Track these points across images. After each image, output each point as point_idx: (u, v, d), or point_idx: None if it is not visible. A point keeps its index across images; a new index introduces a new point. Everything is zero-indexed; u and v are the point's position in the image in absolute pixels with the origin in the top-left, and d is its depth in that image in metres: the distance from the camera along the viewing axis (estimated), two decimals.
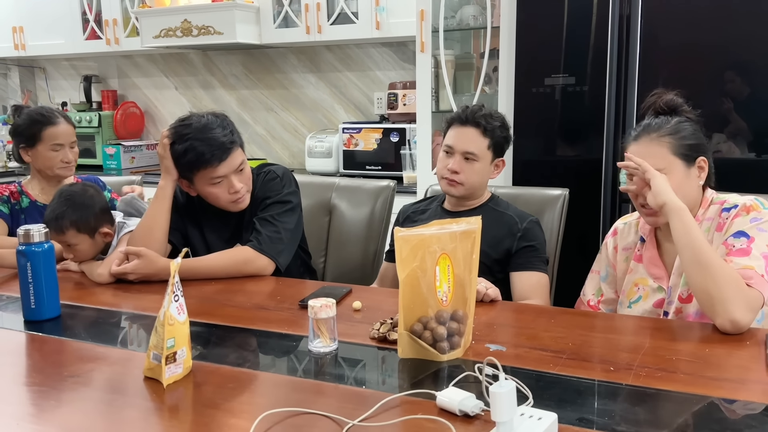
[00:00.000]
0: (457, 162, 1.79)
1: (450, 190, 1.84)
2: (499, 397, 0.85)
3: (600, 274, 1.71)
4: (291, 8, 3.62)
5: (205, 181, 1.80)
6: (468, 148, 1.79)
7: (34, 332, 1.39)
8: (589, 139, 2.52)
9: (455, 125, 1.83)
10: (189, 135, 1.77)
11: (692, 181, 1.51)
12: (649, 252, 1.59)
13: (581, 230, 2.42)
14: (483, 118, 1.79)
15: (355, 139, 3.44)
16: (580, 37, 2.49)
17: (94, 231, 1.80)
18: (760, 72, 2.26)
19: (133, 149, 4.29)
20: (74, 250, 1.80)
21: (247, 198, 1.86)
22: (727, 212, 1.48)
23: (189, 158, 1.77)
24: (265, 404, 1.02)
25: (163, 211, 1.82)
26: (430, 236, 1.18)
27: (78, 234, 1.77)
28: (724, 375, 1.11)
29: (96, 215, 1.80)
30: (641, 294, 1.59)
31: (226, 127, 1.80)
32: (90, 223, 1.79)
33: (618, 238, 1.68)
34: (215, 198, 1.83)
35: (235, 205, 1.84)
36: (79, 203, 1.79)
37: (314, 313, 1.22)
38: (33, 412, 1.04)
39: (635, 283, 1.60)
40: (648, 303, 1.56)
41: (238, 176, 1.81)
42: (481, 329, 1.34)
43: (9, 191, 2.19)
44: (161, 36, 3.76)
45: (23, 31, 4.40)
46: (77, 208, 1.77)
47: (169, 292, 1.11)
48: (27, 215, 2.17)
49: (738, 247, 1.40)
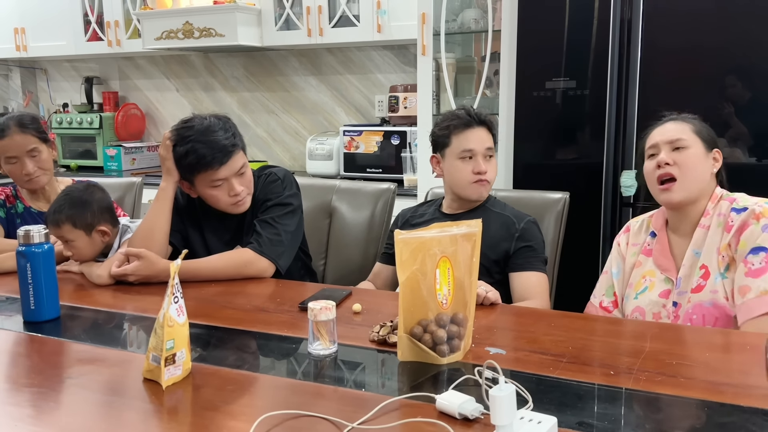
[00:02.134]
0: (483, 162, 1.83)
1: (482, 192, 1.86)
2: (498, 401, 0.85)
3: (612, 271, 1.72)
4: (292, 11, 3.62)
5: (206, 184, 1.80)
6: (487, 145, 1.85)
7: (33, 333, 1.39)
8: (590, 143, 2.52)
9: (461, 130, 1.83)
10: (191, 137, 1.77)
11: (708, 165, 1.59)
12: (659, 244, 1.64)
13: (581, 234, 2.41)
14: (485, 116, 1.85)
15: (356, 142, 3.44)
16: (581, 40, 2.49)
17: (90, 228, 1.80)
18: (761, 76, 2.26)
19: (133, 151, 4.29)
20: (71, 247, 1.80)
21: (248, 201, 1.86)
22: (736, 213, 1.52)
23: (190, 160, 1.77)
24: (265, 406, 1.02)
25: (164, 212, 1.82)
26: (431, 239, 1.18)
27: (74, 230, 1.78)
28: (724, 380, 1.11)
29: (93, 212, 1.81)
30: (647, 284, 1.62)
31: (228, 129, 1.80)
32: (86, 219, 1.79)
33: (630, 234, 1.73)
34: (215, 200, 1.82)
35: (235, 208, 1.84)
36: (77, 199, 1.80)
37: (314, 316, 1.22)
38: (32, 413, 1.04)
39: (643, 275, 1.64)
40: (654, 293, 1.59)
41: (238, 179, 1.81)
42: (481, 332, 1.33)
43: (5, 195, 2.17)
44: (163, 38, 3.76)
45: (25, 32, 4.41)
46: (75, 204, 1.79)
47: (168, 294, 1.11)
48: (22, 220, 2.15)
49: (757, 266, 1.44)
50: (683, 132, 1.59)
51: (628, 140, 2.44)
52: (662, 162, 1.57)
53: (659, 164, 1.58)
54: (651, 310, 1.59)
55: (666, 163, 1.57)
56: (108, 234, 1.85)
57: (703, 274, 1.54)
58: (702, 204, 1.58)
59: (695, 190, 1.57)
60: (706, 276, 1.53)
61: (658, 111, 1.68)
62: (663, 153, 1.58)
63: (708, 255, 1.55)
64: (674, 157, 1.57)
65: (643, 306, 1.61)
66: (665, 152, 1.58)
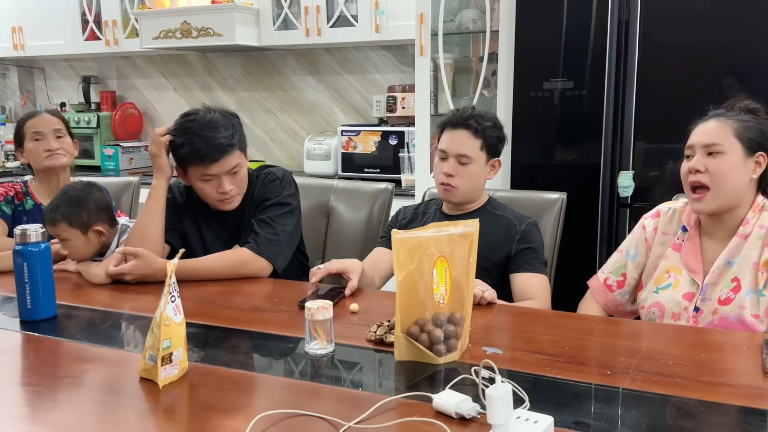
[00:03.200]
0: (452, 165, 1.78)
1: (447, 196, 1.82)
2: (495, 400, 0.85)
3: (630, 253, 1.67)
4: (291, 11, 3.62)
5: (197, 177, 1.81)
6: (460, 150, 1.77)
7: (30, 332, 1.38)
8: (588, 143, 2.52)
9: (447, 129, 1.82)
10: (190, 129, 1.78)
11: (746, 171, 1.50)
12: (690, 243, 1.57)
13: (579, 234, 2.42)
14: (473, 119, 1.77)
15: (354, 142, 3.44)
16: (578, 41, 2.49)
17: (86, 227, 1.80)
18: (760, 76, 2.26)
19: (131, 150, 4.28)
20: (68, 246, 1.81)
21: (237, 200, 1.86)
22: None
23: (184, 152, 1.79)
24: (261, 406, 1.02)
25: (158, 211, 1.83)
26: (428, 238, 1.18)
27: (70, 228, 1.78)
28: (720, 380, 1.11)
29: (90, 212, 1.81)
30: (671, 281, 1.56)
31: (229, 128, 1.80)
32: (82, 218, 1.79)
33: (660, 221, 1.66)
34: (204, 193, 1.84)
35: (221, 204, 1.85)
36: (74, 198, 1.81)
37: (311, 315, 1.22)
38: (28, 412, 1.04)
39: (667, 270, 1.58)
40: (678, 292, 1.54)
41: (229, 178, 1.81)
42: (478, 332, 1.34)
43: (14, 191, 2.18)
44: (161, 37, 3.75)
45: (22, 31, 4.40)
46: (71, 203, 1.79)
47: (165, 293, 1.11)
48: (30, 217, 2.15)
49: None
50: (722, 135, 1.49)
51: (625, 141, 2.44)
52: (693, 169, 1.50)
53: (690, 170, 1.51)
54: (671, 309, 1.53)
55: (697, 170, 1.49)
56: (104, 234, 1.84)
57: (735, 287, 1.48)
58: (741, 211, 1.51)
59: (728, 199, 1.49)
60: (737, 289, 1.47)
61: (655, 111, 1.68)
62: (697, 157, 1.51)
63: (742, 267, 1.48)
64: (707, 164, 1.49)
65: (663, 303, 1.55)
66: (699, 157, 1.50)
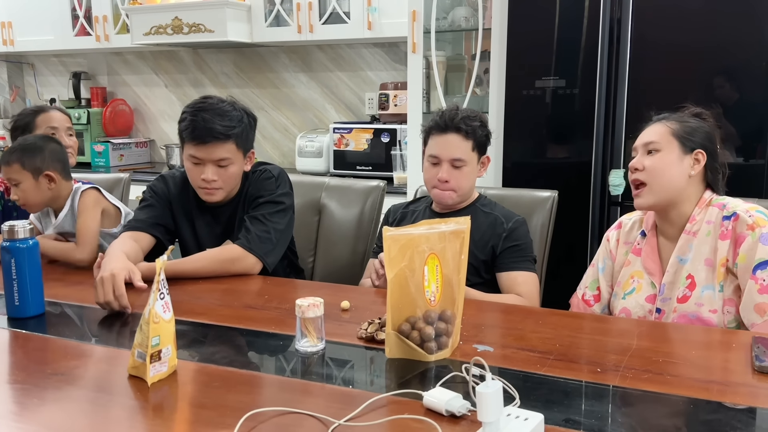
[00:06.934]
0: (446, 171, 1.76)
1: (444, 199, 1.80)
2: (485, 398, 0.85)
3: (599, 266, 1.72)
4: (283, 7, 3.61)
5: (187, 155, 1.82)
6: (454, 155, 1.76)
7: (17, 329, 1.37)
8: (579, 142, 2.53)
9: (435, 133, 1.80)
10: (200, 107, 1.79)
11: (683, 167, 1.54)
12: (648, 246, 1.62)
13: (570, 232, 2.42)
14: (462, 121, 1.76)
15: (346, 140, 3.43)
16: (570, 40, 2.49)
17: (38, 172, 1.89)
18: (749, 77, 2.27)
19: (121, 147, 4.25)
20: (18, 190, 1.89)
21: (218, 195, 1.84)
22: (728, 221, 1.49)
23: (181, 126, 1.81)
24: (251, 403, 1.01)
25: (119, 245, 1.71)
26: (419, 236, 1.18)
27: (22, 170, 1.87)
28: (710, 377, 1.11)
29: (44, 157, 1.90)
30: (635, 286, 1.61)
31: (234, 121, 1.79)
32: (35, 162, 1.89)
33: (621, 231, 1.71)
34: (190, 176, 1.84)
35: (201, 193, 1.84)
36: (32, 143, 1.92)
37: (302, 313, 1.21)
38: (15, 410, 1.03)
39: (631, 275, 1.63)
40: (641, 296, 1.59)
41: (215, 168, 1.79)
42: (469, 330, 1.33)
43: (5, 186, 2.17)
44: (152, 33, 3.73)
45: (12, 26, 4.36)
46: (27, 148, 1.90)
47: (154, 290, 1.10)
48: (20, 213, 2.13)
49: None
50: (659, 135, 1.56)
51: (616, 139, 2.45)
52: (632, 167, 1.58)
53: (631, 169, 1.59)
54: (636, 313, 1.58)
55: (636, 168, 1.57)
56: (54, 180, 1.92)
57: (689, 284, 1.51)
58: (686, 208, 1.55)
59: (666, 194, 1.54)
60: (691, 287, 1.51)
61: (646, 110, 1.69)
62: (637, 157, 1.58)
63: (695, 264, 1.52)
64: (645, 161, 1.56)
65: (629, 308, 1.60)
66: (639, 156, 1.58)
